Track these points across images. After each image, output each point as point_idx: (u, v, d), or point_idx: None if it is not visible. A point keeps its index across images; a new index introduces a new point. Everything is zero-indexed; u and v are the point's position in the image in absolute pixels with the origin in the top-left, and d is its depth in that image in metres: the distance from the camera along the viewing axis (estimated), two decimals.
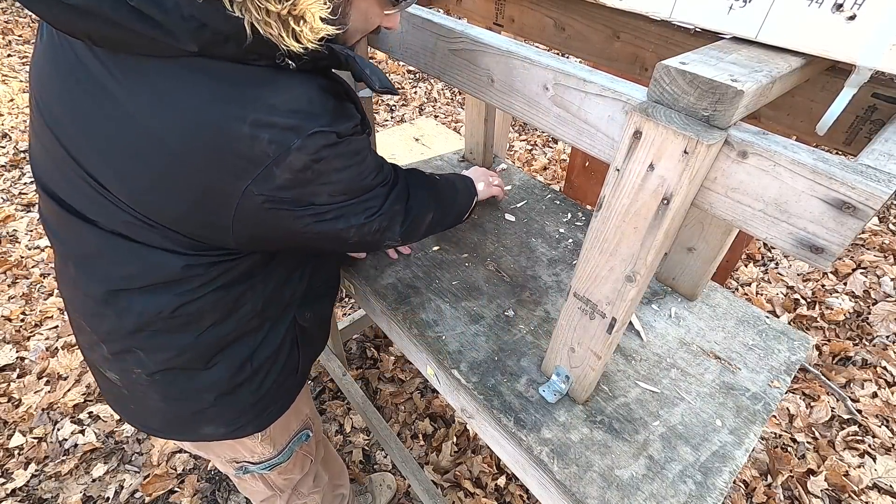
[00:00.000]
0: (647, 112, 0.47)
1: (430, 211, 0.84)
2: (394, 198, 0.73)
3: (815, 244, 0.44)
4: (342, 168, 0.60)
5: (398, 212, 0.74)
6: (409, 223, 0.78)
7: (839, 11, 0.44)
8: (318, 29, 0.52)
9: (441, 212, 0.89)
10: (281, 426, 0.89)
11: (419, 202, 0.81)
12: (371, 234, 0.71)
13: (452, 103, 3.72)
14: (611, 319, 0.65)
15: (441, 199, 0.89)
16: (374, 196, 0.68)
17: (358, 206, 0.66)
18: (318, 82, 0.57)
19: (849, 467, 1.64)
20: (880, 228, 2.57)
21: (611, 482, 0.70)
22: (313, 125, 0.54)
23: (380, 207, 0.70)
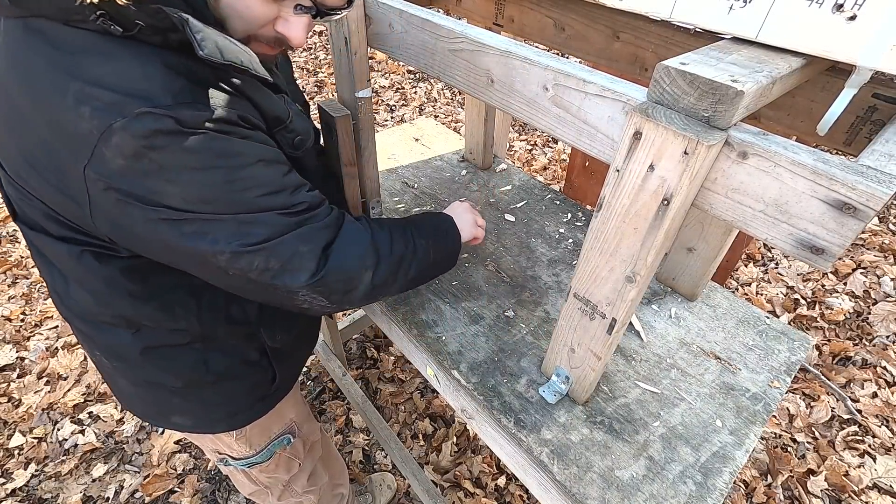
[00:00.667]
0: (647, 112, 0.47)
1: (394, 273, 0.71)
2: (304, 236, 0.59)
3: (816, 245, 0.44)
4: (197, 167, 0.50)
5: (307, 256, 0.60)
6: (341, 281, 0.64)
7: (839, 12, 0.44)
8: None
9: (413, 269, 0.75)
10: (259, 428, 0.89)
11: (367, 264, 0.66)
12: (258, 274, 0.57)
13: (452, 103, 3.72)
14: (611, 320, 0.65)
15: (412, 258, 0.75)
16: (263, 221, 0.56)
17: (230, 225, 0.54)
18: (165, 58, 0.48)
19: (849, 467, 1.64)
20: (880, 228, 2.56)
21: (611, 483, 0.70)
22: (141, 104, 0.46)
23: (268, 238, 0.56)
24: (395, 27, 0.76)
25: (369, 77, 0.94)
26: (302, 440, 1.02)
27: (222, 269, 0.57)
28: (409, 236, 0.75)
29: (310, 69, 4.11)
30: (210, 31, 0.49)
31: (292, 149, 0.65)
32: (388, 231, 0.72)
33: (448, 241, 0.85)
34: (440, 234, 0.83)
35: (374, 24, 0.81)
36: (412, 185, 1.33)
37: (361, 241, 0.67)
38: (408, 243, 0.74)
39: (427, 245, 0.78)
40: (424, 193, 1.29)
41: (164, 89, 0.47)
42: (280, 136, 0.63)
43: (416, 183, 1.34)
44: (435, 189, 1.31)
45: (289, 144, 0.65)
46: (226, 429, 0.85)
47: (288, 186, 0.59)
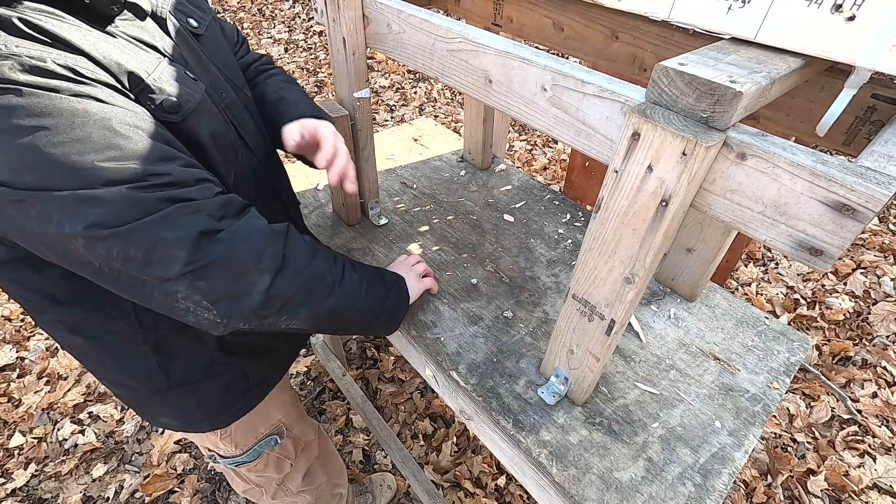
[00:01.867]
0: (645, 113, 0.47)
1: (305, 291, 0.61)
2: (168, 219, 0.49)
3: (815, 246, 0.43)
4: (9, 130, 0.42)
5: (175, 244, 0.49)
6: (227, 277, 0.53)
7: (838, 12, 0.44)
8: None
9: (333, 299, 0.65)
10: (244, 428, 0.89)
11: (265, 265, 0.55)
12: (121, 264, 0.49)
13: (452, 103, 3.72)
14: (609, 321, 0.64)
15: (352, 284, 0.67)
16: (107, 199, 0.46)
17: (69, 202, 0.45)
18: None
19: (849, 467, 1.64)
20: (880, 228, 2.56)
21: (610, 484, 0.70)
22: None
23: (118, 222, 0.47)
24: (393, 27, 0.76)
25: (368, 77, 0.94)
26: (292, 441, 1.02)
27: (87, 261, 0.49)
28: (339, 262, 0.67)
29: (310, 69, 4.11)
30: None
31: (166, 113, 0.55)
32: (313, 246, 0.63)
33: (388, 293, 0.77)
34: (380, 279, 0.76)
35: (372, 25, 0.81)
36: (411, 185, 1.33)
37: (262, 239, 0.56)
38: (333, 267, 0.65)
39: (360, 281, 0.69)
40: (423, 194, 1.29)
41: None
42: (144, 98, 0.53)
43: (414, 183, 1.33)
44: (434, 189, 1.31)
45: (159, 108, 0.55)
46: (210, 428, 0.85)
47: (143, 154, 0.48)
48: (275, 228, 0.60)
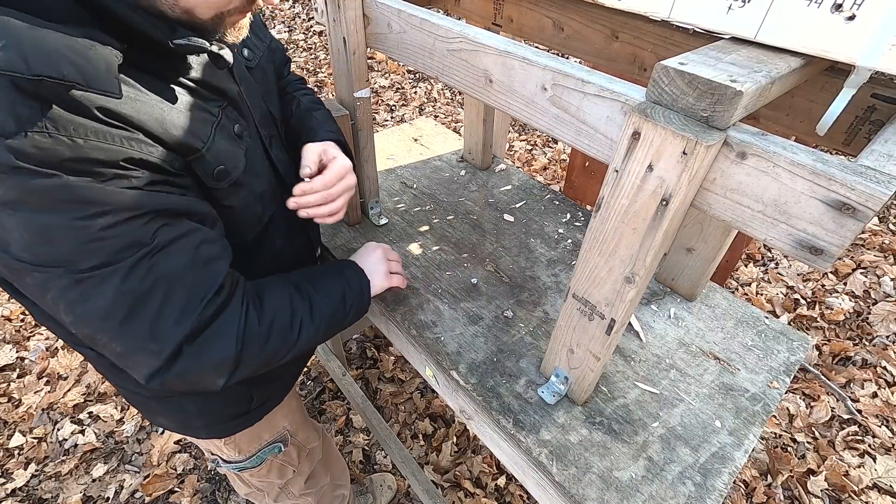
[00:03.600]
0: (645, 113, 0.47)
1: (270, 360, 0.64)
2: (155, 328, 0.51)
3: (815, 245, 0.43)
4: (37, 207, 0.43)
5: (154, 354, 0.52)
6: (188, 385, 0.56)
7: (838, 11, 0.44)
8: None
9: (310, 344, 0.68)
10: (248, 435, 0.89)
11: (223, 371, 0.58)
12: (102, 348, 0.52)
13: (452, 103, 3.72)
14: (610, 320, 0.64)
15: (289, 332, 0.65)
16: (104, 290, 0.48)
17: (66, 283, 0.47)
18: (15, 80, 0.41)
19: (849, 467, 1.64)
20: (880, 228, 2.56)
21: (610, 484, 0.70)
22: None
23: (107, 315, 0.49)
24: (393, 27, 0.76)
25: (368, 77, 0.94)
26: (296, 447, 1.02)
27: (69, 327, 0.51)
28: (295, 323, 0.65)
29: (310, 69, 4.11)
30: (29, 35, 0.40)
31: (213, 180, 0.58)
32: (267, 325, 0.62)
33: (347, 315, 0.75)
34: (341, 308, 0.73)
35: (372, 24, 0.81)
36: (411, 185, 1.33)
37: (226, 346, 0.57)
38: (289, 335, 0.65)
39: (317, 329, 0.69)
40: (423, 193, 1.29)
41: (7, 114, 0.40)
42: (196, 166, 0.55)
43: (414, 183, 1.34)
44: (434, 189, 1.31)
45: (209, 176, 0.57)
46: (206, 436, 0.85)
47: (160, 245, 0.50)
48: (237, 319, 0.58)
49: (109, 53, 0.45)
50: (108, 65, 0.45)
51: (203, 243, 0.55)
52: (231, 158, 0.60)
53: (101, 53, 0.45)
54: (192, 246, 0.54)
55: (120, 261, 0.48)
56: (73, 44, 0.43)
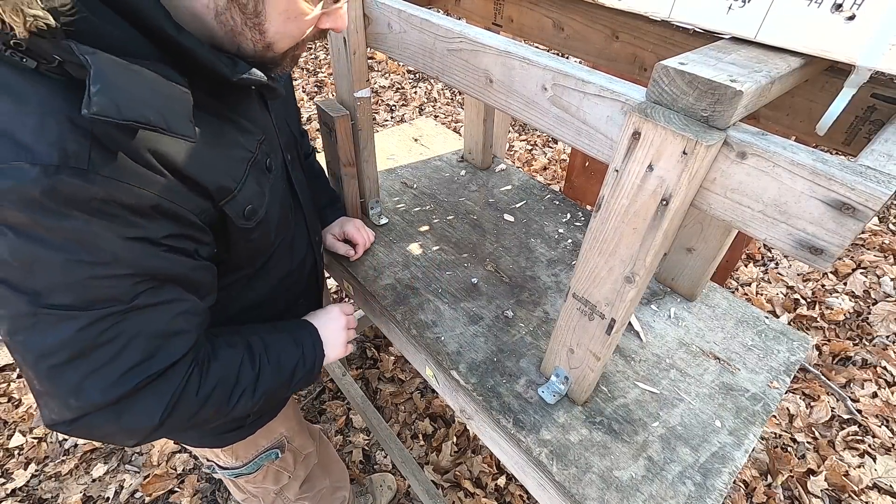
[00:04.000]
0: (645, 112, 0.47)
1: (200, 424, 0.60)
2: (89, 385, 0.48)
3: (815, 245, 0.43)
4: (43, 240, 0.43)
5: (70, 408, 0.49)
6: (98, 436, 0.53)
7: (838, 11, 0.44)
8: (31, 11, 0.36)
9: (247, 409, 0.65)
10: (245, 443, 0.89)
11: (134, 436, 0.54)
12: (24, 375, 0.49)
13: (452, 103, 3.72)
14: (610, 320, 0.64)
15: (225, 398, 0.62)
16: (58, 330, 0.46)
17: (23, 307, 0.45)
18: (76, 112, 0.40)
19: (849, 467, 1.64)
20: (880, 228, 2.56)
21: (610, 483, 0.70)
22: (18, 156, 0.40)
23: (49, 352, 0.46)
24: (393, 27, 0.76)
25: (368, 77, 0.94)
26: (293, 453, 1.01)
27: (25, 370, 0.49)
28: (233, 398, 0.62)
29: (310, 69, 4.11)
30: (121, 79, 0.41)
31: (243, 220, 0.59)
32: (205, 395, 0.58)
33: (293, 385, 0.72)
34: (286, 381, 0.70)
35: (372, 24, 0.81)
36: (411, 185, 1.33)
37: (148, 415, 0.53)
38: (223, 406, 0.61)
39: (252, 403, 0.65)
40: (423, 193, 1.29)
41: (53, 146, 0.40)
42: (228, 207, 0.56)
43: (415, 183, 1.34)
44: (434, 189, 1.31)
45: (240, 216, 0.58)
46: (199, 445, 0.85)
47: (136, 306, 0.49)
48: (167, 398, 0.54)
49: (184, 95, 0.46)
50: (185, 108, 0.46)
51: (180, 315, 0.53)
52: (259, 196, 0.61)
53: (179, 96, 0.45)
54: (169, 316, 0.52)
55: (89, 309, 0.46)
56: (156, 86, 0.43)
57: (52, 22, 0.38)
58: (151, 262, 0.49)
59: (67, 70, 0.41)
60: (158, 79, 0.44)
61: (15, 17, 0.36)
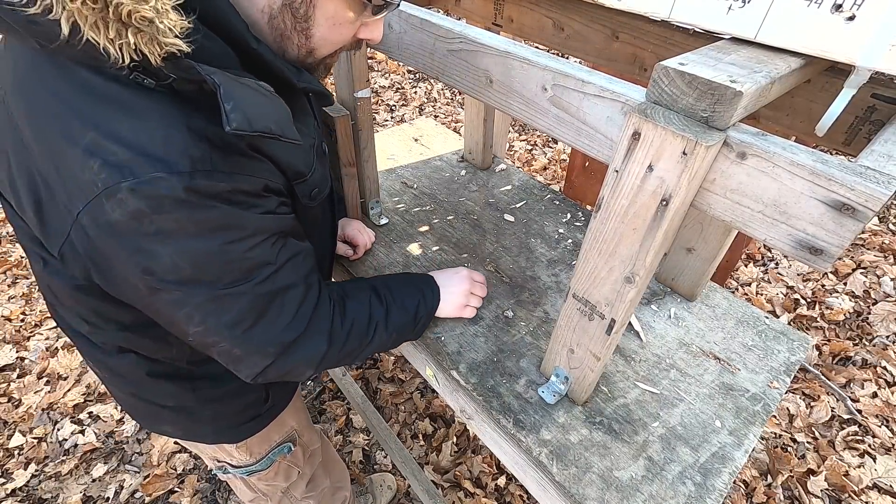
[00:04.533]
0: (645, 113, 0.47)
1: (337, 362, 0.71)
2: (272, 332, 0.59)
3: (815, 246, 0.43)
4: (196, 234, 0.49)
5: (267, 354, 0.61)
6: (281, 376, 0.65)
7: (838, 12, 0.44)
8: (167, 40, 0.40)
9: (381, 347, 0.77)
10: (259, 437, 0.89)
11: (312, 364, 0.66)
12: (215, 353, 0.60)
13: (452, 103, 3.72)
14: (610, 320, 0.64)
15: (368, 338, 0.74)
16: (239, 298, 0.55)
17: (207, 296, 0.53)
18: (191, 120, 0.46)
19: (849, 467, 1.64)
20: (880, 228, 2.56)
21: (610, 483, 0.70)
22: (156, 168, 0.44)
23: (238, 321, 0.56)
24: (394, 27, 0.76)
25: (368, 77, 0.94)
26: (302, 448, 1.02)
27: (187, 336, 0.57)
28: (370, 331, 0.74)
29: None
30: (243, 95, 0.45)
31: (309, 200, 0.65)
32: (348, 328, 0.70)
33: (416, 326, 0.84)
34: (411, 324, 0.82)
35: None
36: (411, 185, 1.33)
37: (319, 343, 0.65)
38: (364, 339, 0.73)
39: (389, 336, 0.77)
40: (424, 193, 1.29)
41: (182, 154, 0.45)
42: (299, 188, 0.62)
43: (415, 183, 1.34)
44: (434, 189, 1.31)
45: (306, 196, 0.64)
46: (213, 441, 0.86)
47: (281, 263, 0.58)
48: (325, 321, 0.66)
49: (282, 103, 0.51)
50: (289, 116, 0.51)
51: (304, 258, 0.62)
52: (323, 179, 0.68)
53: (282, 105, 0.50)
54: (300, 261, 0.61)
55: (253, 278, 0.55)
56: (267, 99, 0.48)
57: (186, 49, 0.41)
58: (276, 224, 0.56)
59: (173, 85, 0.45)
60: (261, 89, 0.49)
61: (152, 46, 0.40)
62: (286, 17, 0.51)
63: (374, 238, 1.11)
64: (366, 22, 0.57)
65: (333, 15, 0.53)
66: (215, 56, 0.46)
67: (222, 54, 0.48)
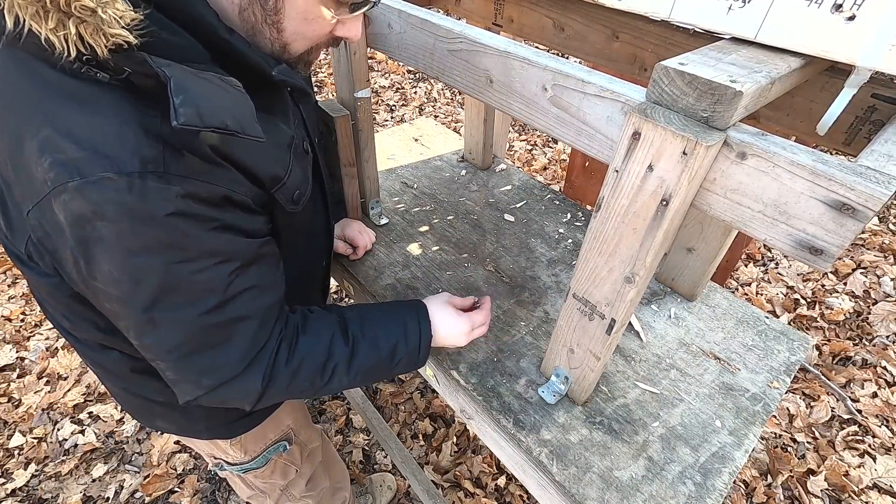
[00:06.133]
0: (645, 113, 0.47)
1: (297, 393, 0.65)
2: (212, 366, 0.56)
3: (815, 245, 0.43)
4: (138, 249, 0.46)
5: (201, 385, 0.57)
6: (219, 404, 0.61)
7: (838, 12, 0.44)
8: (113, 31, 0.38)
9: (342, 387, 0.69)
10: (254, 435, 0.89)
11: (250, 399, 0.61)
12: (155, 360, 0.56)
13: (452, 103, 3.72)
14: (610, 320, 0.64)
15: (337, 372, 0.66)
16: (174, 326, 0.51)
17: (140, 315, 0.50)
18: (147, 118, 0.43)
19: (849, 467, 1.64)
20: (880, 228, 2.56)
21: (610, 483, 0.70)
22: (104, 167, 0.42)
23: (172, 348, 0.53)
24: (394, 27, 0.76)
25: (368, 77, 0.94)
26: (299, 446, 1.02)
27: (125, 330, 0.54)
28: (326, 373, 0.65)
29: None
30: (199, 89, 0.42)
31: (293, 204, 0.62)
32: (294, 367, 0.63)
33: (394, 368, 0.72)
34: (388, 363, 0.71)
35: (373, 24, 0.81)
36: (411, 185, 1.33)
37: (254, 382, 0.59)
38: (317, 379, 0.65)
39: (351, 379, 0.68)
40: (424, 193, 1.29)
41: (133, 154, 0.43)
42: (280, 194, 0.59)
43: (415, 183, 1.34)
44: (434, 189, 1.31)
45: (289, 200, 0.61)
46: (208, 437, 0.85)
47: (234, 293, 0.53)
48: (277, 359, 0.61)
49: (246, 98, 0.48)
50: (251, 111, 0.47)
51: (267, 291, 0.59)
52: (304, 180, 0.64)
53: (244, 99, 0.47)
54: (257, 294, 0.57)
55: (197, 305, 0.51)
56: (225, 92, 0.45)
57: (133, 40, 0.39)
58: (232, 247, 0.52)
59: (131, 80, 0.43)
60: (223, 84, 0.46)
61: (97, 38, 0.38)
62: (255, 9, 0.50)
63: (375, 238, 1.10)
64: (342, 19, 0.56)
65: (304, 10, 0.51)
66: (180, 49, 0.45)
67: (187, 47, 0.46)
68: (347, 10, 0.55)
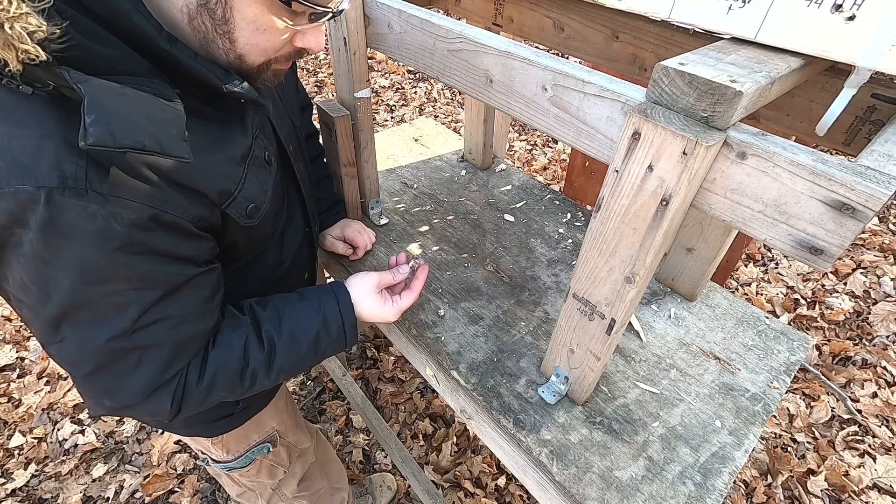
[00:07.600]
0: (645, 113, 0.47)
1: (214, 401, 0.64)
2: (117, 387, 0.54)
3: (815, 245, 0.43)
4: (53, 263, 0.45)
5: (106, 403, 0.55)
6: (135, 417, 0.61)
7: (838, 12, 0.44)
8: (23, 46, 0.36)
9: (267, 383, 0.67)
10: (235, 436, 0.89)
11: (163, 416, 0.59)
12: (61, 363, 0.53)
13: (452, 103, 3.72)
14: (610, 320, 0.64)
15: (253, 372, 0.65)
16: (89, 350, 0.50)
17: (46, 327, 0.49)
18: (72, 133, 0.41)
19: (849, 467, 1.64)
20: (880, 228, 2.56)
21: (610, 483, 0.70)
22: (21, 180, 0.41)
23: (78, 363, 0.52)
24: (394, 27, 0.76)
25: (368, 77, 0.94)
26: (286, 448, 1.01)
27: (21, 314, 0.52)
28: (245, 379, 0.64)
29: (310, 69, 4.11)
30: (116, 106, 0.41)
31: (246, 218, 0.60)
32: (207, 383, 0.60)
33: (319, 355, 0.71)
34: (308, 357, 0.70)
35: (372, 25, 0.81)
36: (411, 185, 1.33)
37: (162, 404, 0.58)
38: (236, 387, 0.64)
39: (275, 377, 0.67)
40: (424, 194, 1.29)
41: (52, 168, 0.41)
42: (230, 209, 0.57)
43: (415, 183, 1.34)
44: (434, 189, 1.31)
45: (242, 214, 0.59)
46: (187, 434, 0.85)
47: (147, 322, 0.51)
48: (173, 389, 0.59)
49: (177, 114, 0.46)
50: (178, 128, 0.46)
51: (188, 321, 0.56)
52: (261, 192, 0.62)
53: (173, 116, 0.45)
54: (176, 324, 0.55)
55: (104, 327, 0.50)
56: (150, 109, 0.44)
57: (43, 56, 0.38)
58: (155, 275, 0.51)
59: (62, 91, 0.41)
60: (151, 99, 0.44)
61: (7, 52, 0.37)
62: (205, 19, 0.48)
63: (375, 238, 1.10)
64: (302, 30, 0.54)
65: (254, 20, 0.49)
66: (113, 61, 0.44)
67: (123, 59, 0.45)
68: (306, 20, 0.53)
